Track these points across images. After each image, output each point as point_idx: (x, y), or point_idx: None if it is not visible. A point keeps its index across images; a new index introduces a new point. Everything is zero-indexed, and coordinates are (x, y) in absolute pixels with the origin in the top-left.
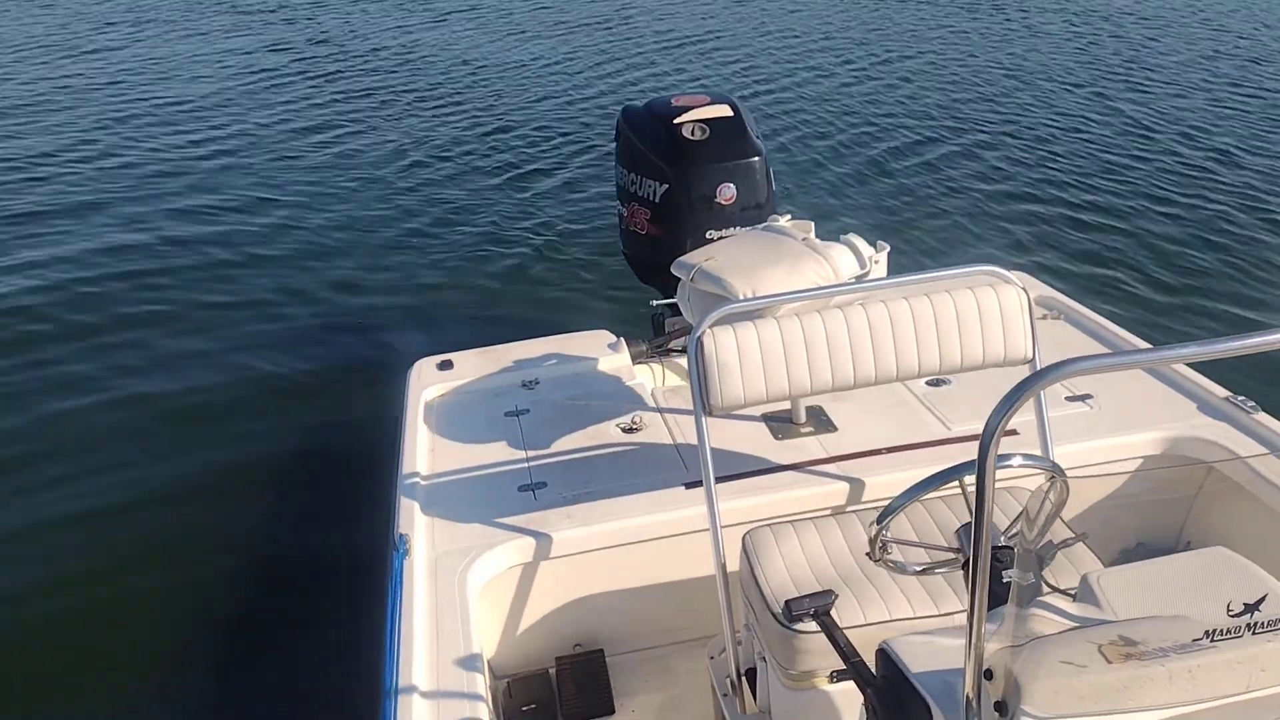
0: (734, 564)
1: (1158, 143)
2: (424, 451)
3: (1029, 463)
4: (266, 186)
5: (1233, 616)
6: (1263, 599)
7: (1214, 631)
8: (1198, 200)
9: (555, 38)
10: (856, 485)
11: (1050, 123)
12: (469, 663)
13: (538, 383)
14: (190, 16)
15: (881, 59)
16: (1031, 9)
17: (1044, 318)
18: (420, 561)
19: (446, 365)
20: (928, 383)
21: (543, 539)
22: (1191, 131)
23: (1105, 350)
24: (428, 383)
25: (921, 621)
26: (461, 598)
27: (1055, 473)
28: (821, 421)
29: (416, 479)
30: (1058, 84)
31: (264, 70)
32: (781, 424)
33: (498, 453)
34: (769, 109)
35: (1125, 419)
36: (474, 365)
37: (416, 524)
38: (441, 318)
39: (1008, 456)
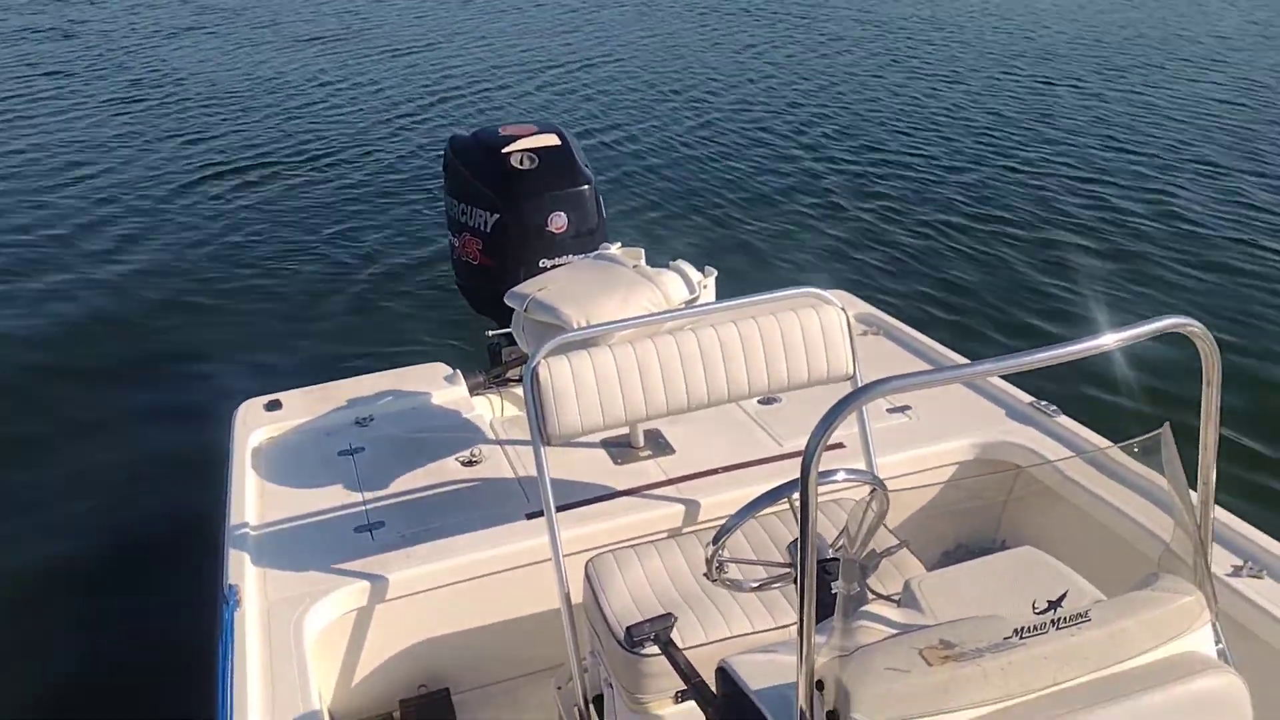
0: (578, 592)
1: (969, 162)
2: (253, 497)
3: (851, 477)
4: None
5: (1038, 614)
6: (1064, 595)
7: (1023, 629)
8: (1007, 220)
9: (376, 65)
10: (695, 506)
11: (865, 145)
12: (307, 714)
13: (372, 419)
14: None
15: (701, 87)
16: (841, 34)
17: (864, 334)
18: (252, 612)
19: (274, 405)
20: (759, 401)
21: (382, 580)
22: (1001, 149)
23: (920, 362)
24: (254, 424)
25: (761, 636)
26: (297, 647)
27: (876, 484)
28: (659, 444)
29: (246, 526)
30: (871, 104)
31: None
32: (621, 449)
33: (332, 494)
34: (594, 137)
35: (941, 428)
36: (304, 404)
37: (247, 574)
38: (267, 357)
39: (831, 472)
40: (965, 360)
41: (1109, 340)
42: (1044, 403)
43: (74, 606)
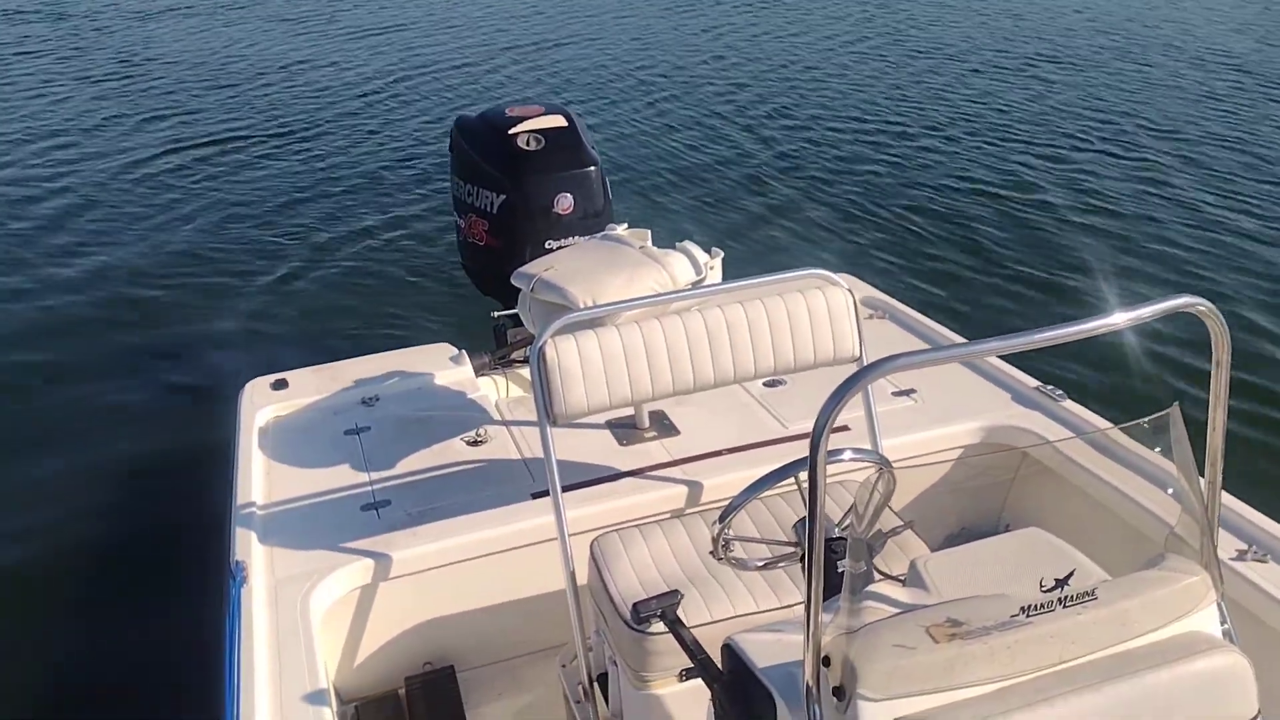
0: (583, 572)
1: (980, 146)
2: (259, 475)
3: (858, 456)
4: (74, 203)
5: (1045, 592)
6: (1070, 574)
7: (1029, 607)
8: (1009, 201)
9: (383, 45)
10: (700, 487)
11: (873, 130)
12: (314, 689)
13: (378, 399)
14: None
15: (710, 68)
16: (850, 16)
17: (870, 317)
18: (259, 589)
19: (281, 385)
20: (764, 383)
21: (387, 558)
22: (1006, 135)
23: (925, 345)
24: (261, 403)
25: (765, 615)
26: (304, 623)
27: (882, 465)
28: (664, 426)
29: (253, 503)
30: (880, 90)
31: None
32: (626, 430)
33: (338, 472)
34: (602, 118)
35: (946, 411)
36: (310, 384)
37: (254, 551)
38: (275, 337)
39: (838, 452)
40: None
41: (1116, 320)
42: (1050, 387)
43: (82, 585)
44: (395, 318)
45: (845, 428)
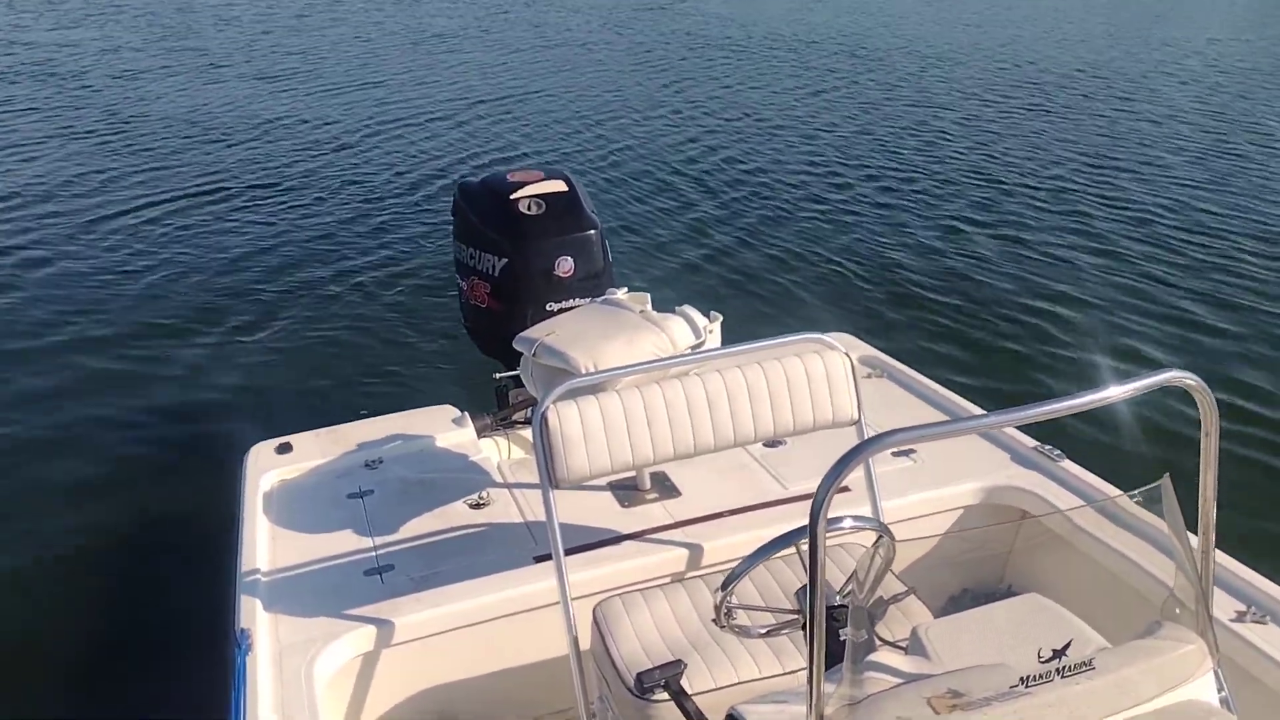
0: (586, 636)
1: (972, 205)
2: (264, 540)
3: (859, 525)
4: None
5: (1043, 663)
6: (1068, 644)
7: (1028, 678)
8: (1006, 266)
9: (385, 112)
10: (702, 549)
11: (867, 189)
12: None
13: (381, 462)
14: None
15: (708, 134)
16: (839, 77)
17: (868, 377)
18: (263, 657)
19: (285, 448)
20: (765, 444)
21: (391, 624)
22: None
23: (924, 405)
24: (266, 467)
25: (770, 681)
26: (308, 691)
27: (882, 532)
28: (666, 488)
29: (257, 569)
30: (875, 150)
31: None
32: (628, 492)
33: (341, 537)
34: (602, 182)
35: (946, 471)
36: (314, 447)
37: (258, 618)
38: (279, 401)
39: (838, 520)
40: (968, 403)
41: (1107, 395)
42: (1048, 447)
43: (86, 651)
44: (398, 379)
45: (846, 489)
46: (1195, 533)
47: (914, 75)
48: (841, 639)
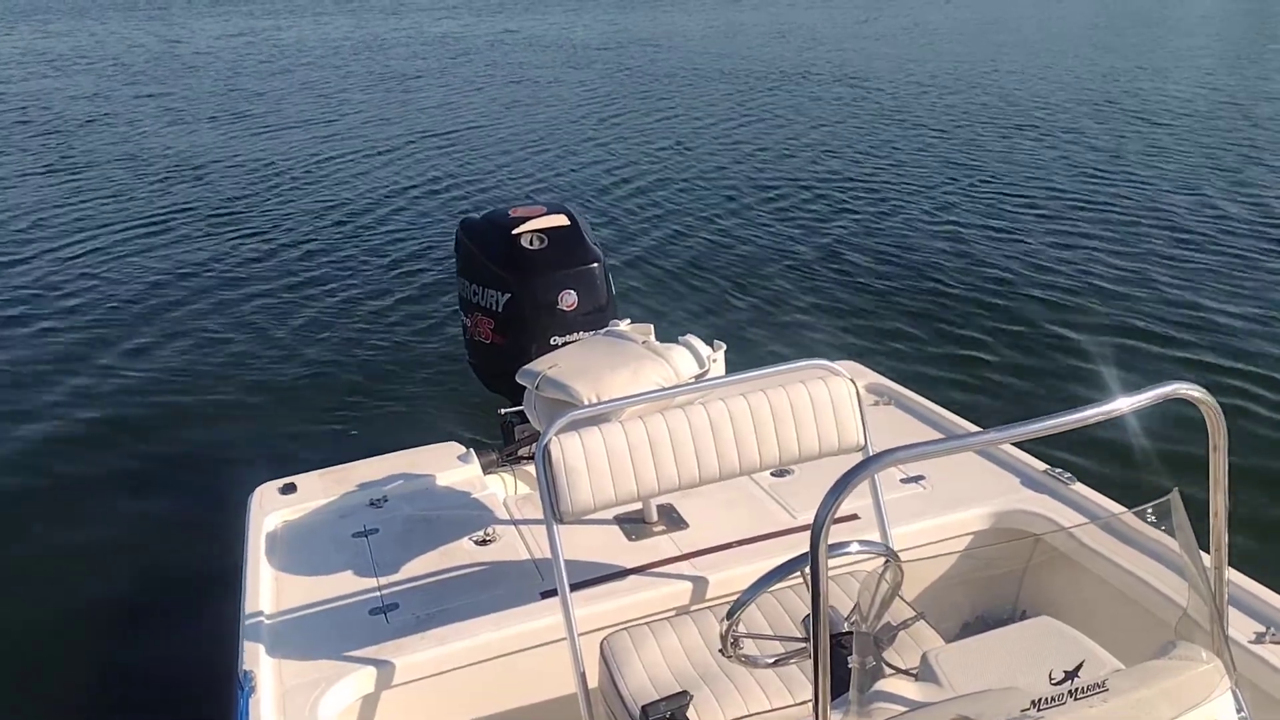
0: (594, 672)
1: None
2: (267, 581)
3: (864, 549)
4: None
5: (1055, 685)
6: (1080, 665)
7: (1040, 701)
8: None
9: (386, 150)
10: (710, 581)
11: (872, 217)
12: None
13: (386, 500)
14: None
15: (709, 165)
16: (842, 104)
17: (875, 404)
18: (267, 699)
19: (290, 489)
20: (772, 473)
21: (397, 663)
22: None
23: (932, 431)
24: (270, 508)
25: (779, 712)
26: None
27: (889, 556)
28: (673, 519)
29: (261, 610)
30: (877, 177)
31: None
32: (634, 524)
33: (346, 576)
34: (603, 215)
35: (956, 497)
36: (319, 487)
37: (262, 659)
38: (282, 441)
39: (843, 544)
40: (975, 428)
41: (1112, 407)
42: (1059, 470)
43: (89, 690)
44: (403, 416)
45: (855, 516)
46: (1208, 549)
47: (915, 100)
48: (850, 666)
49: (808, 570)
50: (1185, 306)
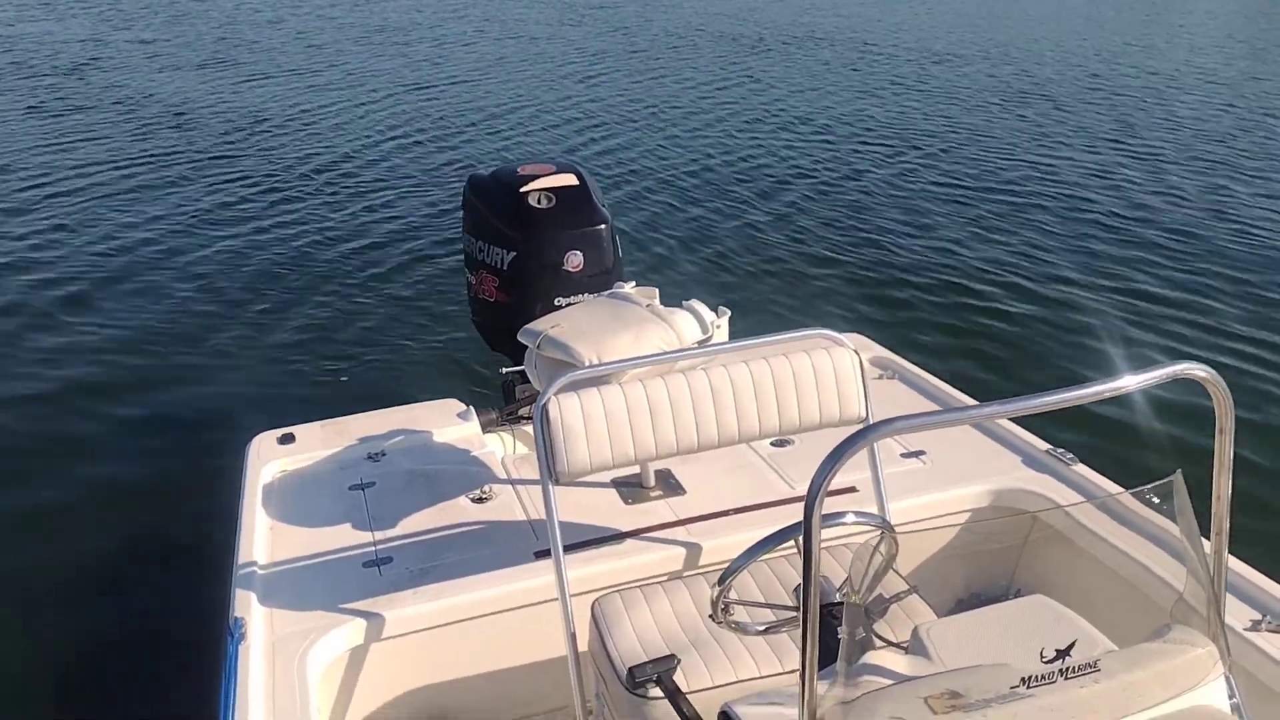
0: (584, 633)
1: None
2: (262, 530)
3: (860, 520)
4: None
5: (1046, 663)
6: (1072, 644)
7: (1030, 678)
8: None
9: (396, 104)
10: (704, 547)
11: (887, 188)
12: None
13: (384, 454)
14: None
15: (723, 130)
16: (860, 75)
17: (879, 378)
18: (257, 646)
19: (288, 439)
20: (772, 443)
21: (388, 616)
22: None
23: (935, 406)
24: (268, 457)
25: (767, 680)
26: (300, 682)
27: (883, 528)
28: (670, 485)
29: (255, 559)
30: (893, 147)
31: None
32: (631, 489)
33: (342, 528)
34: (612, 178)
35: (956, 473)
36: (317, 438)
37: (254, 607)
38: (284, 391)
39: (839, 515)
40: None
41: (1118, 385)
42: (1061, 450)
43: (81, 633)
44: (405, 372)
45: (853, 489)
46: (1209, 534)
47: (934, 67)
48: (839, 637)
49: (801, 539)
50: (1198, 291)
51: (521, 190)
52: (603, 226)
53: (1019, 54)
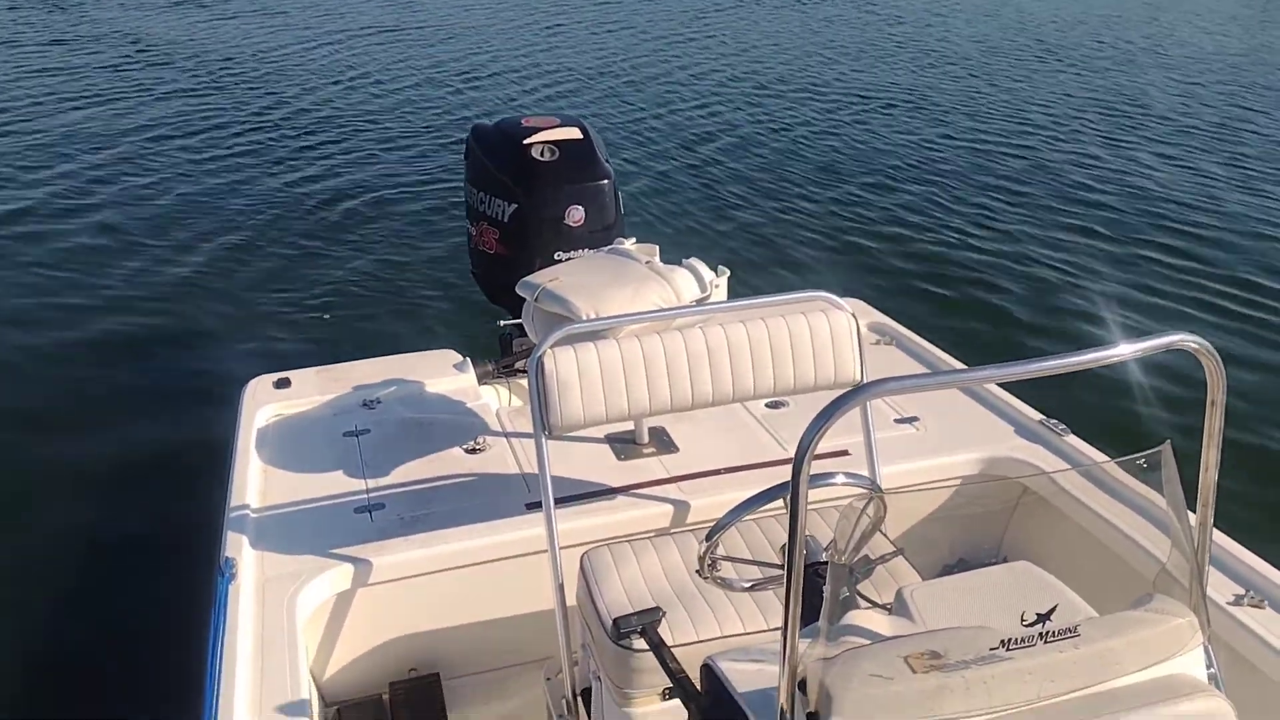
0: (573, 585)
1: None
2: (256, 473)
3: (849, 481)
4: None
5: (1026, 626)
6: (1053, 609)
7: (1009, 641)
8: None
9: (400, 53)
10: (695, 504)
11: (891, 151)
12: (296, 690)
13: (379, 402)
14: None
15: (729, 89)
16: (866, 34)
17: (877, 343)
18: (246, 587)
19: (284, 383)
20: (766, 404)
21: (378, 562)
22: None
23: (929, 372)
24: (263, 401)
25: (751, 637)
26: (289, 623)
27: (872, 490)
28: (663, 442)
29: (247, 501)
30: (898, 109)
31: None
32: (624, 445)
33: (334, 474)
34: (617, 133)
35: (948, 440)
36: (313, 384)
37: (244, 547)
38: (281, 336)
39: (828, 475)
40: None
41: (1111, 354)
42: (1053, 421)
43: (73, 572)
44: (402, 322)
45: (845, 452)
46: (1195, 507)
47: (943, 33)
48: (824, 595)
49: (789, 496)
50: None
51: (525, 142)
52: (605, 182)
53: (1031, 20)
